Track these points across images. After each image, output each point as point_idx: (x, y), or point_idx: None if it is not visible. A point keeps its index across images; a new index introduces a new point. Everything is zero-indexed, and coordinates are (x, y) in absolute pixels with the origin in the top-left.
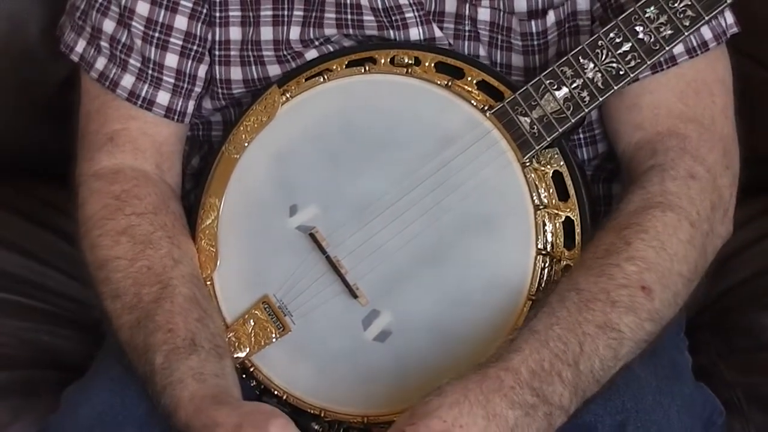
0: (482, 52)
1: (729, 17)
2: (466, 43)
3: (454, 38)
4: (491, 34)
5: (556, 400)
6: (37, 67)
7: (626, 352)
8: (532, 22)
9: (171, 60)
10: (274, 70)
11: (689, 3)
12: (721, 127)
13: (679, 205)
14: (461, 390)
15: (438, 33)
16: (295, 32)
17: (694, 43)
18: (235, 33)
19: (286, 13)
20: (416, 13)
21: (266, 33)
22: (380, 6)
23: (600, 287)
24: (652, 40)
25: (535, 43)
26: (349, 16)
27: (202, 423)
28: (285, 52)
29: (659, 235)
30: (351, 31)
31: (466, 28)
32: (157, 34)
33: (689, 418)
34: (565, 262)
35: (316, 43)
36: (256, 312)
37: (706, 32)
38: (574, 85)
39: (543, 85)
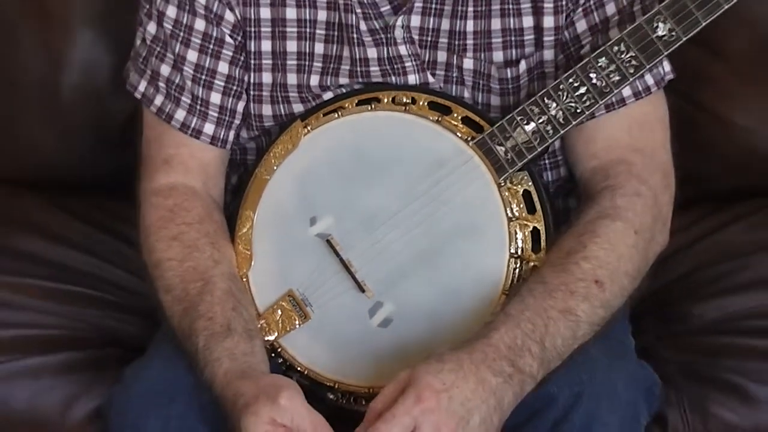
0: (467, 93)
1: (666, 66)
2: (454, 86)
3: (444, 82)
4: (474, 80)
5: (527, 370)
6: (107, 104)
7: (583, 333)
8: (508, 70)
9: (215, 98)
10: (297, 107)
11: (634, 54)
12: (660, 155)
13: (626, 217)
14: (456, 360)
15: (431, 79)
16: (314, 80)
17: (640, 88)
18: (266, 77)
19: (307, 63)
20: (414, 63)
21: (291, 78)
22: (386, 56)
23: (561, 280)
24: (603, 84)
25: (510, 86)
26: (359, 68)
27: (231, 393)
28: (306, 94)
29: (610, 240)
30: (360, 79)
31: (454, 75)
32: (204, 77)
33: (633, 389)
34: (532, 263)
35: (332, 88)
36: (283, 303)
37: (649, 79)
38: (540, 120)
39: (515, 121)
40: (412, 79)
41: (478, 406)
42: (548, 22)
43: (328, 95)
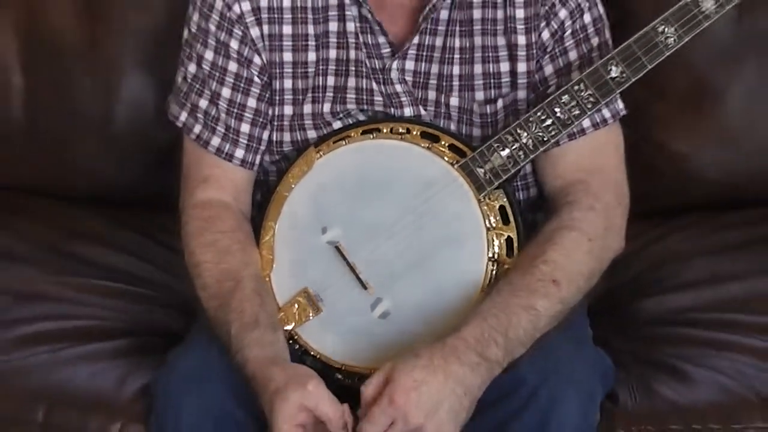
0: (453, 126)
1: (620, 103)
2: (442, 120)
3: (434, 116)
4: (459, 114)
5: (493, 358)
6: (153, 134)
7: (543, 325)
8: (487, 106)
9: (245, 128)
10: (311, 134)
11: (591, 93)
12: (613, 175)
13: (581, 228)
14: (429, 356)
15: (423, 112)
16: (327, 107)
17: (598, 120)
18: (287, 110)
19: (321, 95)
20: (408, 98)
21: (307, 108)
22: (385, 92)
23: (524, 281)
24: (566, 117)
25: (489, 120)
26: (364, 96)
27: (261, 377)
28: (319, 121)
29: (566, 246)
30: (365, 106)
31: (442, 110)
32: (236, 110)
33: (591, 372)
34: (506, 266)
35: (341, 115)
36: (299, 299)
37: (606, 112)
38: (514, 147)
39: (492, 147)
40: (408, 111)
41: (447, 396)
42: (521, 67)
43: (337, 124)
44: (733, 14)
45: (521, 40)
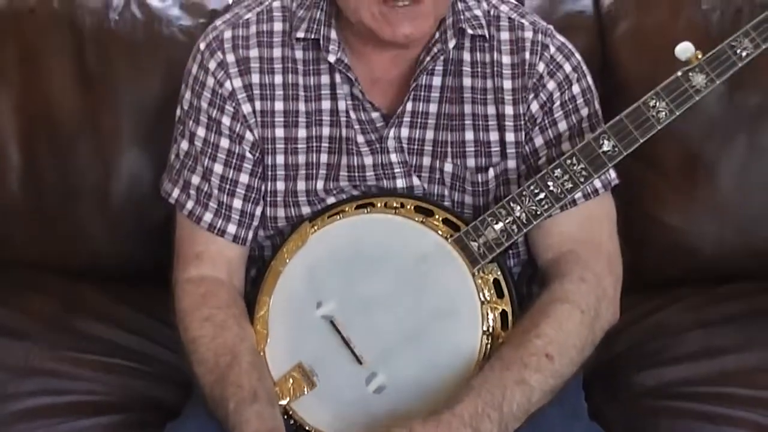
0: (446, 192)
1: (612, 173)
2: (435, 186)
3: (428, 182)
4: (452, 181)
5: None
6: (148, 208)
7: (537, 399)
8: (479, 174)
9: (237, 203)
10: (305, 210)
11: (584, 167)
12: (605, 245)
13: (573, 299)
14: None
15: (416, 182)
16: (320, 184)
17: (589, 190)
18: (280, 185)
19: (314, 171)
20: (402, 169)
21: (301, 185)
22: (380, 162)
23: (517, 355)
24: (558, 191)
25: (481, 189)
26: (356, 174)
27: None
28: (313, 198)
29: (558, 319)
30: (357, 183)
31: (437, 176)
32: (228, 186)
33: None
34: (501, 340)
35: (334, 192)
36: (294, 373)
37: (597, 183)
38: (507, 221)
39: (486, 221)
40: (400, 183)
41: None
42: (510, 137)
43: (331, 200)
44: (723, 89)
45: (509, 110)
